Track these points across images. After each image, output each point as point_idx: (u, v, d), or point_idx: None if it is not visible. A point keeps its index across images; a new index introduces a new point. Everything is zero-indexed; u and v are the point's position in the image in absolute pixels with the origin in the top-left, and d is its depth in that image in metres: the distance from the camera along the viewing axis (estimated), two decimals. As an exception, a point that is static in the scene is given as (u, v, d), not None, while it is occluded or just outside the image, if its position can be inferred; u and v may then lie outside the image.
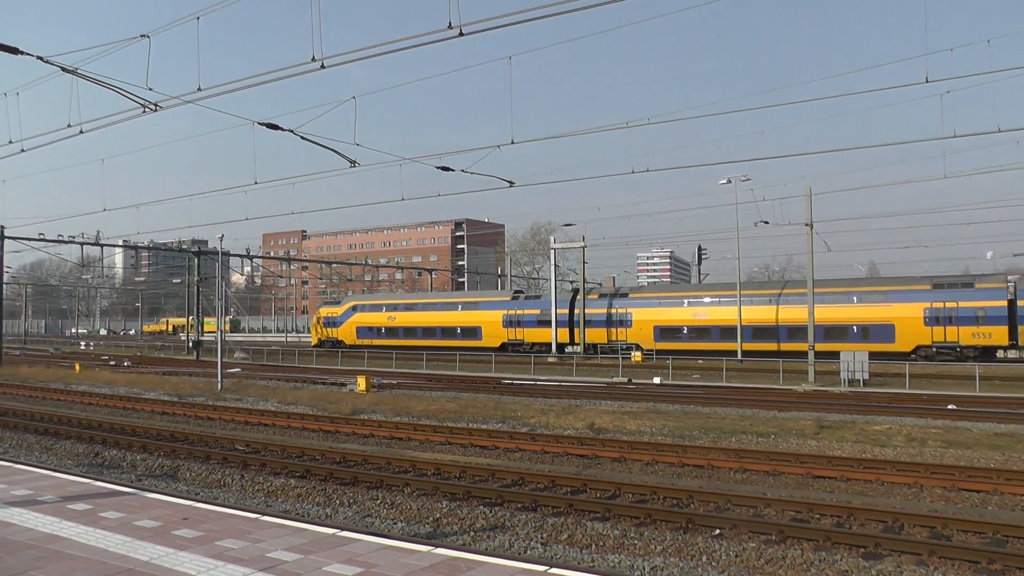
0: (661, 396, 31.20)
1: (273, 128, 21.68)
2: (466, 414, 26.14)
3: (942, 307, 47.79)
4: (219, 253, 42.42)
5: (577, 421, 24.05)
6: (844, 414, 25.57)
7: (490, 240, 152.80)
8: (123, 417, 27.35)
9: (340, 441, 21.97)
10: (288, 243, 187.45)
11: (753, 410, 26.88)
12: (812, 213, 38.63)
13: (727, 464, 17.36)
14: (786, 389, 34.51)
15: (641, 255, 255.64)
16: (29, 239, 57.68)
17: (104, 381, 40.69)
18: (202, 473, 17.23)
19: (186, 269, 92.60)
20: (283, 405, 29.83)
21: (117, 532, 9.14)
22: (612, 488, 14.89)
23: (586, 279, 63.26)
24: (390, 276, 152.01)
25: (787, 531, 11.76)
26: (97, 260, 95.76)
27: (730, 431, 22.09)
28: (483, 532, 12.30)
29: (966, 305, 47.30)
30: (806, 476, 16.27)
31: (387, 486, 15.38)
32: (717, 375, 40.96)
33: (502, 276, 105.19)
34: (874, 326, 49.53)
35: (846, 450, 19.28)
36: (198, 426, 25.14)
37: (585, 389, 34.64)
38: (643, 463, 17.95)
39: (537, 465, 18.00)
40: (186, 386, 37.08)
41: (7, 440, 22.51)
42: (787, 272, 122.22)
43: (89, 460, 19.30)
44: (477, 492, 14.47)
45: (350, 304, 78.16)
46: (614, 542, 11.67)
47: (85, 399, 33.11)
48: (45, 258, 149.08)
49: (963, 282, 49.71)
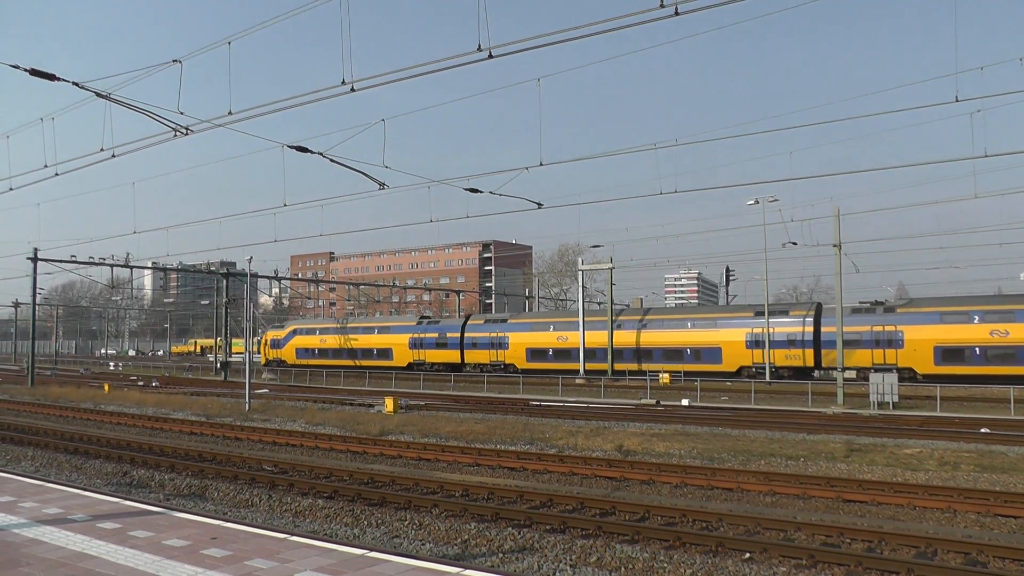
0: (690, 418, 31.02)
1: (303, 151, 21.89)
2: (494, 435, 26.10)
3: (761, 332, 53.09)
4: (248, 275, 42.71)
5: (605, 443, 23.93)
6: (874, 437, 25.31)
7: (518, 262, 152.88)
8: (151, 437, 27.52)
9: (368, 462, 21.98)
10: (316, 265, 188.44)
11: (782, 432, 26.66)
12: (840, 234, 38.41)
13: (757, 487, 17.21)
14: (815, 411, 34.19)
15: (669, 276, 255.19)
16: (61, 261, 58.38)
17: (133, 401, 40.97)
18: (230, 493, 17.29)
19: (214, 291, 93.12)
20: (311, 426, 29.91)
21: (146, 551, 9.18)
22: (641, 511, 14.79)
23: (614, 300, 63.13)
24: (418, 298, 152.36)
25: (818, 555, 11.59)
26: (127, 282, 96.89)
27: (759, 454, 21.90)
28: (512, 554, 12.25)
29: (780, 330, 52.91)
30: (836, 500, 16.08)
31: (415, 507, 15.35)
32: (746, 397, 40.70)
33: (530, 298, 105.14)
34: (705, 349, 55.63)
35: (876, 474, 19.02)
36: (226, 446, 25.23)
37: (613, 411, 34.51)
38: (672, 485, 17.83)
39: (566, 487, 17.93)
40: (214, 406, 37.27)
41: (39, 459, 22.73)
42: (815, 294, 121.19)
43: (118, 479, 19.42)
44: (505, 513, 14.40)
45: (291, 328, 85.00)
46: (643, 565, 11.58)
47: (114, 419, 33.36)
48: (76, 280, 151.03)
49: (780, 310, 55.68)
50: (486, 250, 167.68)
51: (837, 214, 38.58)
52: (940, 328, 47.93)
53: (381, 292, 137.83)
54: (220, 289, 75.40)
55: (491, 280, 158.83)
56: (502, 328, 67.00)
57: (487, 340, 67.27)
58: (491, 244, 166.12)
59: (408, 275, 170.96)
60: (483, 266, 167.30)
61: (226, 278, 70.09)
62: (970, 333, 46.40)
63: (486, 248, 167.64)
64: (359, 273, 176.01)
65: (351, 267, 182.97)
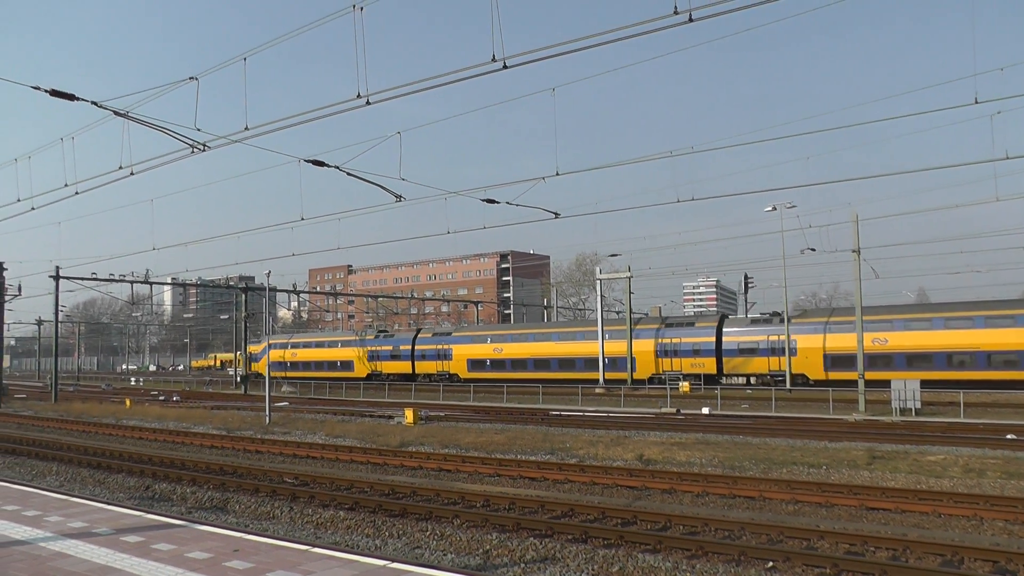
0: (710, 426, 30.91)
1: (319, 165, 21.95)
2: (514, 446, 26.08)
3: (668, 342, 58.53)
4: (266, 289, 42.90)
5: (626, 452, 23.86)
6: (897, 444, 25.12)
7: (535, 272, 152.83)
8: (173, 451, 27.63)
9: (389, 473, 21.99)
10: (334, 278, 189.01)
11: (803, 440, 26.50)
12: (859, 239, 38.24)
13: (779, 495, 17.10)
14: (836, 419, 33.97)
15: (687, 284, 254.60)
16: (82, 278, 58.86)
17: (154, 416, 41.19)
18: (251, 505, 17.33)
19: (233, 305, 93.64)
20: (331, 438, 29.96)
21: (169, 564, 9.22)
22: (663, 520, 14.72)
23: (632, 309, 63.02)
24: (436, 309, 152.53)
25: (842, 564, 11.48)
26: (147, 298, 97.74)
27: (781, 462, 21.78)
28: (533, 564, 12.21)
29: (687, 340, 57.96)
30: (859, 508, 15.95)
31: (436, 518, 15.35)
32: (766, 405, 40.50)
33: (548, 307, 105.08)
34: (619, 358, 59.18)
35: (900, 481, 18.88)
36: (247, 459, 25.30)
37: (633, 420, 34.41)
38: (694, 495, 17.75)
39: (587, 497, 17.88)
40: (234, 420, 37.42)
41: (63, 474, 22.88)
42: (834, 300, 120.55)
43: (141, 493, 19.51)
44: (527, 524, 14.37)
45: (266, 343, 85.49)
46: (666, 574, 11.52)
47: (136, 433, 33.53)
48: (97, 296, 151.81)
49: (687, 322, 61.68)
50: (503, 260, 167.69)
51: (856, 219, 38.42)
52: (828, 337, 51.91)
53: (399, 304, 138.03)
54: (239, 303, 75.83)
55: (509, 290, 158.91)
56: (447, 341, 70.81)
57: (434, 352, 70.94)
58: (508, 254, 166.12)
59: (426, 287, 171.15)
60: (501, 276, 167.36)
61: (245, 292, 70.45)
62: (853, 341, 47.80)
63: (503, 258, 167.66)
64: (377, 285, 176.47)
65: (369, 279, 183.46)
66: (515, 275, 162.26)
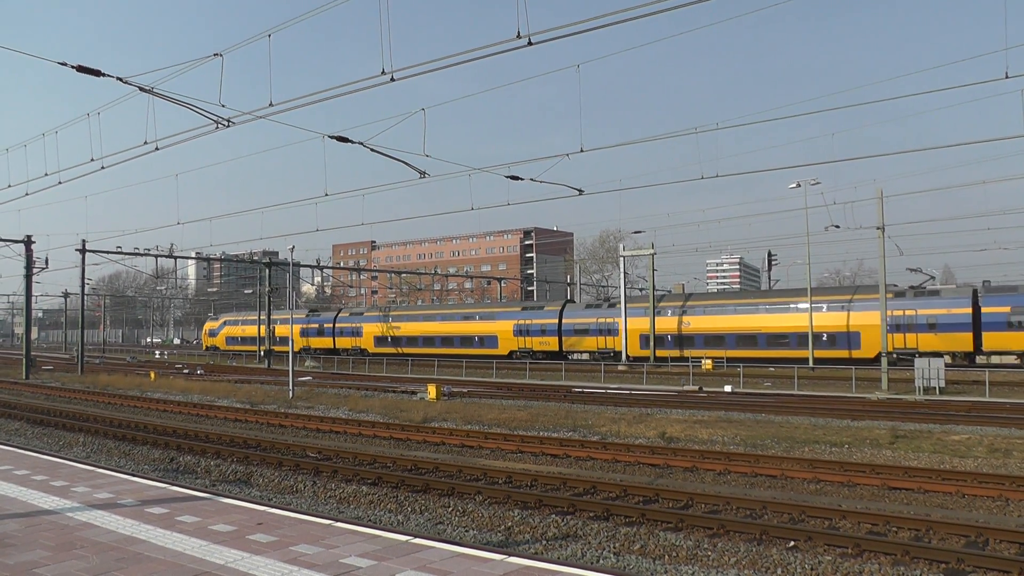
0: (732, 404, 30.83)
1: (344, 141, 21.99)
2: (537, 423, 26.14)
3: (524, 323, 68.96)
4: (290, 264, 43.06)
5: (648, 430, 23.86)
6: (920, 423, 25.00)
7: (559, 248, 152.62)
8: (197, 424, 27.89)
9: (411, 449, 22.10)
10: (358, 254, 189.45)
11: (826, 419, 26.41)
12: (884, 216, 37.89)
13: (800, 474, 17.05)
14: (859, 397, 33.79)
15: (711, 262, 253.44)
16: (108, 252, 59.26)
17: (178, 389, 41.55)
18: (275, 479, 17.47)
19: (257, 280, 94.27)
20: (354, 413, 30.14)
21: (194, 536, 9.30)
22: (684, 498, 14.72)
23: (655, 286, 62.88)
24: (459, 285, 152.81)
25: (864, 544, 11.44)
26: (171, 272, 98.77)
27: (803, 440, 21.71)
28: (555, 541, 12.25)
29: (538, 322, 68.26)
30: (882, 487, 15.85)
31: (458, 494, 15.42)
32: (788, 383, 40.37)
33: (571, 284, 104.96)
34: (486, 336, 71.27)
35: (923, 461, 18.75)
36: (270, 433, 25.50)
37: (655, 397, 34.39)
38: (715, 473, 17.72)
39: (609, 474, 17.89)
40: (258, 394, 37.69)
41: (89, 445, 23.17)
42: (858, 277, 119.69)
43: (165, 465, 19.70)
44: (549, 501, 14.40)
45: (223, 320, 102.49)
46: (687, 553, 11.53)
47: (161, 406, 33.85)
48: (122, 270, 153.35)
49: (537, 306, 71.60)
50: (527, 237, 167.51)
51: (880, 196, 38.07)
52: (643, 320, 60.98)
53: (422, 280, 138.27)
54: (263, 278, 76.17)
55: (532, 267, 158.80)
56: (359, 320, 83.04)
57: (350, 329, 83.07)
58: (532, 231, 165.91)
59: (449, 263, 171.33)
60: (524, 253, 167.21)
61: (268, 267, 70.70)
62: (663, 324, 60.05)
63: (527, 235, 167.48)
64: (401, 261, 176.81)
65: (392, 255, 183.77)
66: (538, 252, 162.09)
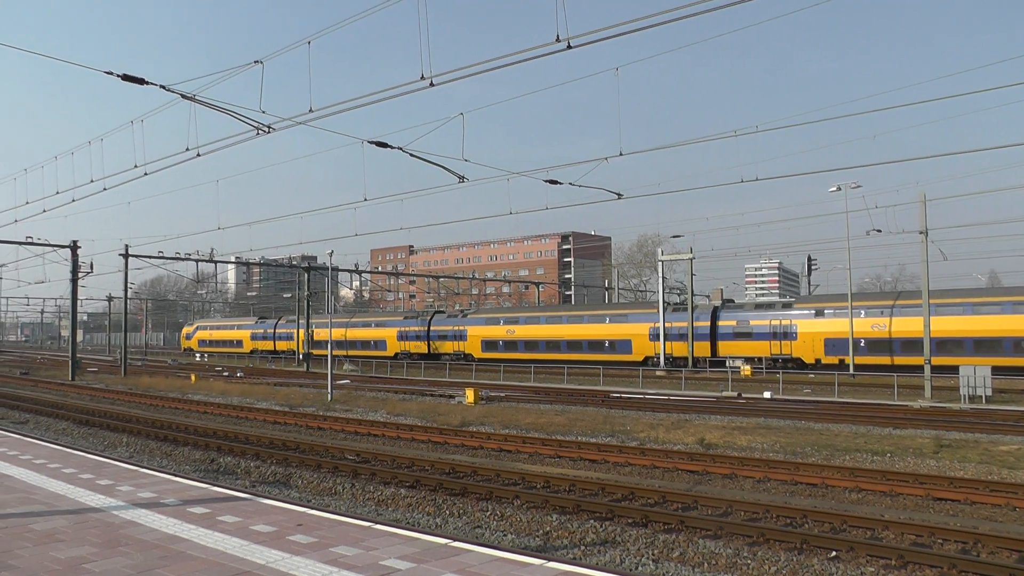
0: (771, 411, 30.57)
1: (383, 146, 22.11)
2: (575, 427, 26.08)
3: (407, 330, 79.03)
4: (328, 268, 43.37)
5: (687, 436, 23.73)
6: (966, 432, 24.59)
7: (597, 253, 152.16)
8: (237, 426, 28.16)
9: (449, 452, 22.15)
10: (396, 258, 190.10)
11: (867, 427, 26.08)
12: (927, 220, 37.37)
13: (841, 483, 16.83)
14: (901, 405, 33.32)
15: (749, 266, 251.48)
16: (150, 257, 60.11)
17: (218, 391, 42.00)
18: (314, 481, 17.60)
19: (296, 284, 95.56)
20: (392, 416, 30.26)
21: (234, 536, 9.39)
22: (724, 505, 14.61)
23: (694, 291, 62.54)
24: (497, 290, 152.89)
25: (907, 556, 11.21)
26: (211, 276, 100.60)
27: (843, 448, 21.47)
28: (593, 547, 12.21)
29: (416, 330, 78.11)
30: (926, 498, 15.59)
31: (497, 498, 15.42)
32: (828, 390, 39.94)
33: (609, 289, 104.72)
34: (376, 340, 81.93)
35: (969, 471, 18.42)
36: (309, 435, 25.68)
37: (694, 403, 34.17)
38: (754, 480, 17.57)
39: (647, 480, 17.81)
40: (297, 397, 37.98)
41: (133, 445, 23.51)
42: (900, 283, 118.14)
43: (206, 466, 19.92)
44: (587, 506, 14.37)
45: (196, 326, 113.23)
46: (727, 561, 11.44)
47: (201, 408, 34.23)
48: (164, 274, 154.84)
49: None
50: (565, 241, 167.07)
51: (923, 199, 37.51)
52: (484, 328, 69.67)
53: (460, 284, 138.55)
54: (301, 283, 76.77)
55: (570, 272, 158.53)
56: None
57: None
58: (570, 235, 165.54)
59: (487, 267, 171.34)
60: (562, 258, 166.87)
61: (307, 272, 71.24)
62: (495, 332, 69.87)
63: (565, 240, 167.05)
64: (439, 266, 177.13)
65: (431, 260, 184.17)
66: (576, 256, 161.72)
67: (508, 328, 70.21)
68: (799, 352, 53.82)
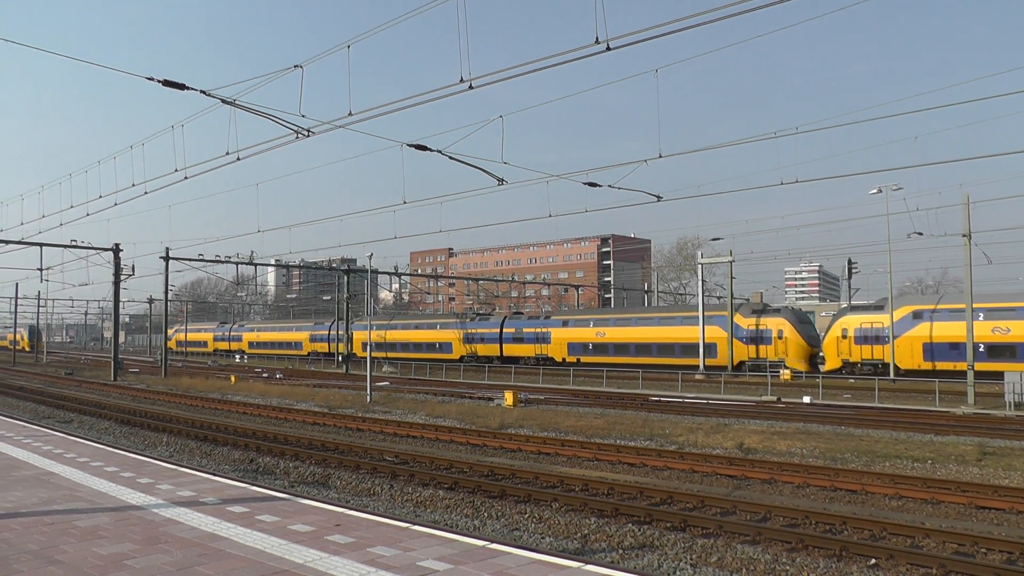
0: (811, 416, 30.26)
1: (422, 149, 22.19)
2: (613, 431, 26.01)
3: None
4: (368, 271, 43.60)
5: (726, 440, 23.56)
6: (1011, 440, 24.14)
7: (636, 255, 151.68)
8: (276, 427, 28.37)
9: (488, 455, 22.16)
10: (435, 261, 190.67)
11: (908, 433, 25.73)
12: (971, 223, 36.79)
13: (881, 490, 16.60)
14: (943, 411, 32.79)
15: (789, 269, 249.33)
16: (190, 259, 60.86)
17: (258, 392, 42.37)
18: (352, 482, 17.68)
19: (336, 286, 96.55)
20: (431, 418, 30.35)
21: (273, 535, 9.44)
22: (763, 511, 14.48)
23: (734, 294, 62.10)
24: (536, 292, 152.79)
25: (950, 565, 10.99)
26: (251, 279, 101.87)
27: (884, 455, 21.19)
28: (631, 550, 12.15)
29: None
30: (968, 506, 15.31)
31: (535, 500, 15.40)
32: (869, 395, 39.46)
33: (648, 292, 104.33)
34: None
35: (1015, 479, 18.02)
36: (348, 437, 25.80)
37: (733, 407, 33.93)
38: (794, 486, 17.38)
39: (686, 484, 17.70)
40: (336, 398, 38.20)
41: (172, 444, 23.79)
42: (941, 286, 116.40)
43: (245, 466, 20.10)
44: (625, 509, 14.31)
45: (175, 328, 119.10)
46: (765, 567, 11.32)
47: (241, 409, 34.53)
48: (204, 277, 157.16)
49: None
50: (604, 244, 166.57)
51: (967, 201, 36.91)
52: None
53: (500, 287, 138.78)
54: (341, 285, 77.29)
55: (609, 274, 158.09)
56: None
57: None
58: (609, 238, 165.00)
59: (527, 270, 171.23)
60: (601, 260, 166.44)
61: (347, 274, 71.67)
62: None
63: (604, 242, 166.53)
64: (478, 268, 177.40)
65: (470, 262, 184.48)
66: (616, 259, 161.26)
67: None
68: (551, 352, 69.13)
